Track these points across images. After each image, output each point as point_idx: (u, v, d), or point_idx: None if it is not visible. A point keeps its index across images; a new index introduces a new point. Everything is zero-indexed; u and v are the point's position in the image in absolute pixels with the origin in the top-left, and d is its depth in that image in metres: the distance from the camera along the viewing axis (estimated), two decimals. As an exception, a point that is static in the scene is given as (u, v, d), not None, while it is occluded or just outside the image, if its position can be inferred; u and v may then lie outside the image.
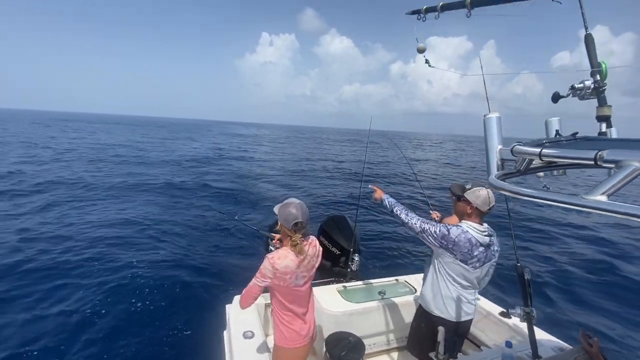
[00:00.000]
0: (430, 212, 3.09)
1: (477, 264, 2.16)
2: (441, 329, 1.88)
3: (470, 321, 2.35)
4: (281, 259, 1.88)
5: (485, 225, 2.23)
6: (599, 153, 0.68)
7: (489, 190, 2.14)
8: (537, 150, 0.85)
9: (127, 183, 12.24)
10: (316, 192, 13.29)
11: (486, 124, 1.11)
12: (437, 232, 2.15)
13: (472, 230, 2.15)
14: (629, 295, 5.80)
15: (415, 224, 2.23)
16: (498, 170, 1.03)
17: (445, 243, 2.13)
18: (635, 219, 0.57)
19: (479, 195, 2.15)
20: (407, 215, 2.29)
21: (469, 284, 2.23)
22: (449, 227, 2.17)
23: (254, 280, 1.92)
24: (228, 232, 7.65)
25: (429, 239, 2.18)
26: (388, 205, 2.42)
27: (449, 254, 2.16)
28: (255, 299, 1.97)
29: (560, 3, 1.09)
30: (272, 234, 2.44)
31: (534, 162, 0.98)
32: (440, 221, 2.86)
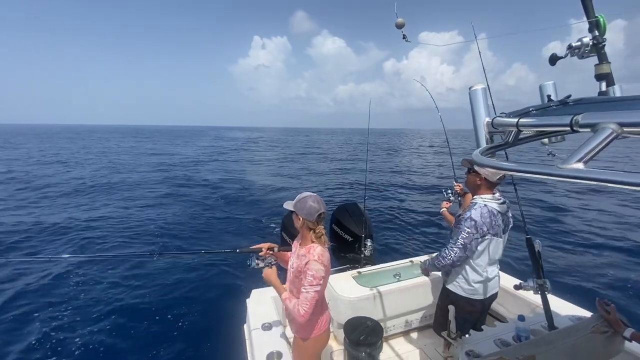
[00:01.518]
0: (454, 183, 3.08)
1: (502, 233, 2.22)
2: (451, 308, 1.89)
3: (496, 294, 2.39)
4: (323, 255, 1.86)
5: (498, 194, 2.27)
6: (575, 118, 0.66)
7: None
8: (515, 120, 0.82)
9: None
10: (326, 180, 13.33)
11: (472, 96, 1.06)
12: (472, 233, 2.13)
13: (489, 202, 2.19)
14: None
15: (455, 255, 2.17)
16: (487, 144, 1.01)
17: (485, 230, 2.14)
18: (611, 185, 0.55)
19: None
20: (445, 257, 2.22)
21: (494, 260, 2.26)
22: (469, 216, 2.16)
23: (311, 289, 1.80)
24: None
25: (474, 246, 2.16)
26: (433, 267, 2.40)
27: (487, 237, 2.16)
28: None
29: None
30: (256, 247, 2.18)
31: (522, 132, 0.95)
32: (462, 193, 2.90)
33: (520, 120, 0.81)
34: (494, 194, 2.26)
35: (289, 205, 1.95)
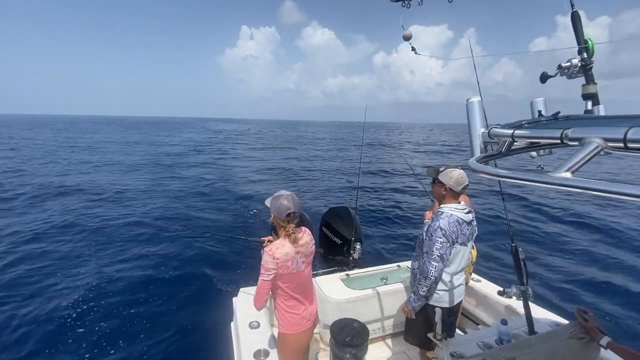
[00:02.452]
0: (427, 213, 3.02)
1: (467, 242, 2.27)
2: (438, 310, 1.94)
3: (461, 302, 2.43)
4: (279, 248, 1.95)
5: (463, 203, 2.33)
6: (564, 132, 0.71)
7: (461, 170, 2.22)
8: (510, 132, 0.88)
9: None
10: (316, 184, 13.37)
11: (468, 108, 1.13)
12: (444, 242, 2.14)
13: (455, 211, 2.24)
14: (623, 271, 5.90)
15: (435, 269, 2.14)
16: (481, 153, 1.07)
17: (453, 238, 2.17)
18: (597, 193, 0.60)
19: (452, 177, 2.24)
20: (427, 277, 2.16)
21: (460, 268, 2.30)
22: (438, 226, 2.18)
23: (260, 278, 1.95)
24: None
25: (448, 255, 2.17)
26: (419, 299, 2.27)
27: (454, 245, 2.19)
28: (268, 295, 2.01)
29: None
30: (262, 239, 2.46)
31: (515, 144, 1.01)
32: (432, 212, 2.89)
33: (515, 131, 0.87)
34: (458, 203, 2.31)
35: (267, 202, 2.07)
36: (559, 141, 0.74)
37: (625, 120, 0.87)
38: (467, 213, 2.28)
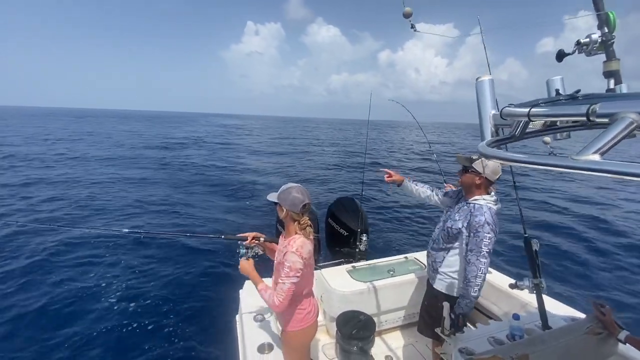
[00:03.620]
0: (444, 184, 2.96)
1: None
2: (446, 305, 1.87)
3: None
4: (303, 246, 1.84)
5: (493, 192, 2.23)
6: (592, 107, 0.62)
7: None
8: (526, 110, 0.78)
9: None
10: (321, 175, 13.30)
11: (478, 87, 1.02)
12: (492, 238, 2.05)
13: (492, 204, 2.16)
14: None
15: (485, 266, 2.04)
16: (492, 137, 0.97)
17: (497, 231, 2.10)
18: (631, 178, 0.51)
19: (489, 165, 2.09)
20: (477, 276, 2.05)
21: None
22: (484, 221, 2.07)
23: (287, 280, 1.79)
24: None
25: (492, 243, 2.08)
26: (469, 304, 2.13)
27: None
28: None
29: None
30: (242, 236, 2.18)
31: (530, 126, 0.91)
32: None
33: (532, 109, 0.77)
34: (489, 193, 2.20)
35: (272, 197, 1.93)
36: (584, 118, 0.64)
37: None
38: (499, 202, 2.20)
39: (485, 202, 2.15)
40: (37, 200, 8.82)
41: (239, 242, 2.14)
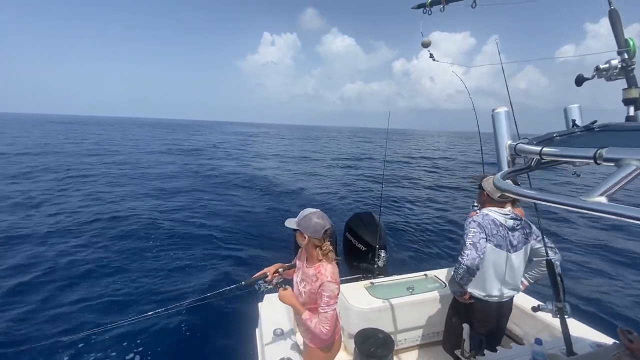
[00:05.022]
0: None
1: (509, 247, 2.24)
2: (466, 326, 1.86)
3: (509, 306, 2.41)
4: (334, 273, 1.89)
5: (509, 208, 2.30)
6: (599, 151, 0.65)
7: None
8: (538, 149, 0.83)
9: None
10: (339, 189, 13.32)
11: (495, 119, 1.06)
12: (477, 232, 2.20)
13: (492, 212, 2.27)
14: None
15: (467, 257, 2.18)
16: (509, 167, 1.01)
17: (487, 232, 2.22)
18: (635, 221, 0.55)
19: (490, 183, 2.28)
20: (459, 265, 2.23)
21: (502, 277, 2.26)
22: (472, 219, 2.28)
23: (329, 309, 1.85)
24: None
25: (483, 245, 2.20)
26: (454, 284, 2.39)
27: (488, 241, 2.23)
28: None
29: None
30: (260, 274, 2.22)
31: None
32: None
33: (544, 149, 0.81)
34: (503, 207, 2.31)
35: (291, 224, 1.93)
36: (591, 161, 0.68)
37: None
38: (510, 219, 2.26)
39: (486, 210, 2.31)
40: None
41: (258, 281, 2.17)
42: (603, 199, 0.59)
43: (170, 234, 7.49)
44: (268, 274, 2.17)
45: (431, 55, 1.77)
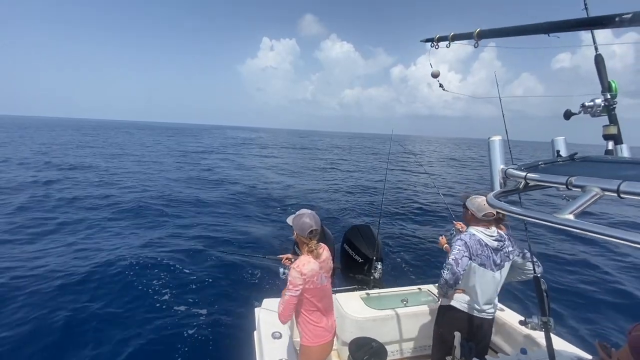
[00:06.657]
0: (454, 222, 3.11)
1: (492, 267, 2.37)
2: (457, 334, 1.97)
3: (487, 332, 2.49)
4: (305, 265, 2.08)
5: (494, 229, 2.41)
6: (569, 179, 0.81)
7: (484, 198, 2.30)
8: (524, 174, 0.98)
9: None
10: (339, 202, 13.43)
11: (490, 146, 1.22)
12: (462, 250, 2.33)
13: (479, 232, 2.38)
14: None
15: (448, 271, 2.34)
16: (501, 188, 1.16)
17: (472, 252, 2.34)
18: (596, 235, 0.69)
19: (474, 203, 2.41)
20: (441, 277, 2.40)
21: (487, 296, 2.37)
22: (459, 237, 2.40)
23: (287, 293, 2.05)
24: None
25: (464, 263, 2.33)
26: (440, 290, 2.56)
27: (472, 260, 2.34)
28: (294, 310, 2.14)
29: (559, 37, 1.21)
30: (279, 256, 2.75)
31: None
32: (463, 230, 2.98)
33: (528, 174, 0.97)
34: (488, 228, 2.43)
35: (289, 220, 2.20)
36: (564, 186, 0.83)
37: (633, 167, 0.95)
38: (495, 240, 2.37)
39: (473, 230, 2.41)
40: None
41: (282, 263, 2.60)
42: (571, 217, 0.74)
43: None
44: (283, 259, 2.66)
45: (441, 85, 1.92)
